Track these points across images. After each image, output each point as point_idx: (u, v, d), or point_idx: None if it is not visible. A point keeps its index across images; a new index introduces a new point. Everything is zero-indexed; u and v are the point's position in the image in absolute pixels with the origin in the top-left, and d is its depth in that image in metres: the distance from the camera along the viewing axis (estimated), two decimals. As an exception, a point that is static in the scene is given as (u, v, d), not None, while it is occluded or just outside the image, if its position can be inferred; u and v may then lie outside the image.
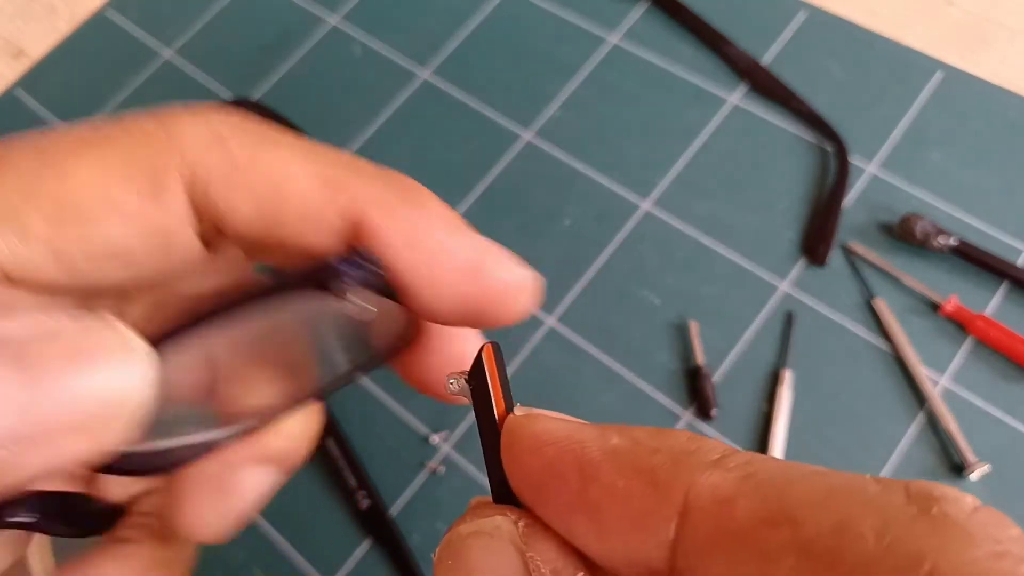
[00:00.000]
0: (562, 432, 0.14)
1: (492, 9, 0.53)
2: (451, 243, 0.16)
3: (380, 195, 0.16)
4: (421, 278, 0.16)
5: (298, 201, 0.15)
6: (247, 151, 0.15)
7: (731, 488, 0.11)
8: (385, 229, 0.15)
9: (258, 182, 0.15)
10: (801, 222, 0.43)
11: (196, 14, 0.56)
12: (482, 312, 0.16)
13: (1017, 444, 0.37)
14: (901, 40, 0.48)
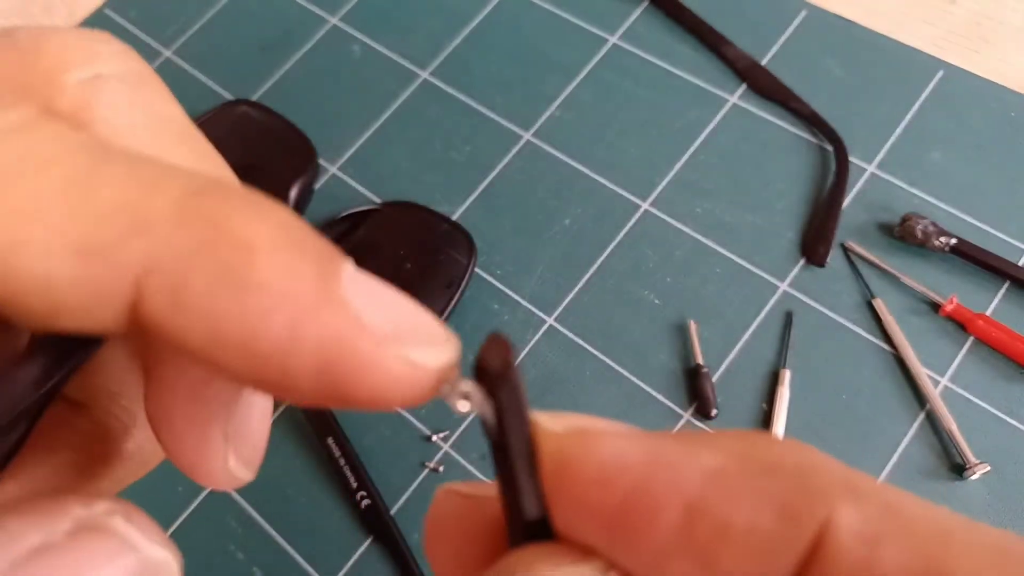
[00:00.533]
0: (639, 455, 0.11)
1: (492, 9, 0.52)
2: (290, 334, 0.10)
3: (169, 267, 0.10)
4: (246, 382, 0.11)
5: (33, 289, 0.10)
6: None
7: (876, 528, 0.09)
8: (174, 326, 0.10)
9: None
10: (801, 222, 0.43)
11: (195, 13, 0.56)
12: (359, 407, 0.11)
13: (1017, 444, 0.37)
14: (901, 39, 0.48)
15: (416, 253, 0.43)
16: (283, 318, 0.10)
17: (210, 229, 0.10)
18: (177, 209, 0.10)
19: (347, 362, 0.10)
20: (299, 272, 0.10)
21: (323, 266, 0.10)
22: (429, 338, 0.11)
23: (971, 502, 0.36)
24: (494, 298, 0.43)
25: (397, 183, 0.48)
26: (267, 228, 0.10)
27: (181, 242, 0.10)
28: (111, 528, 0.10)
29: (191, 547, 0.40)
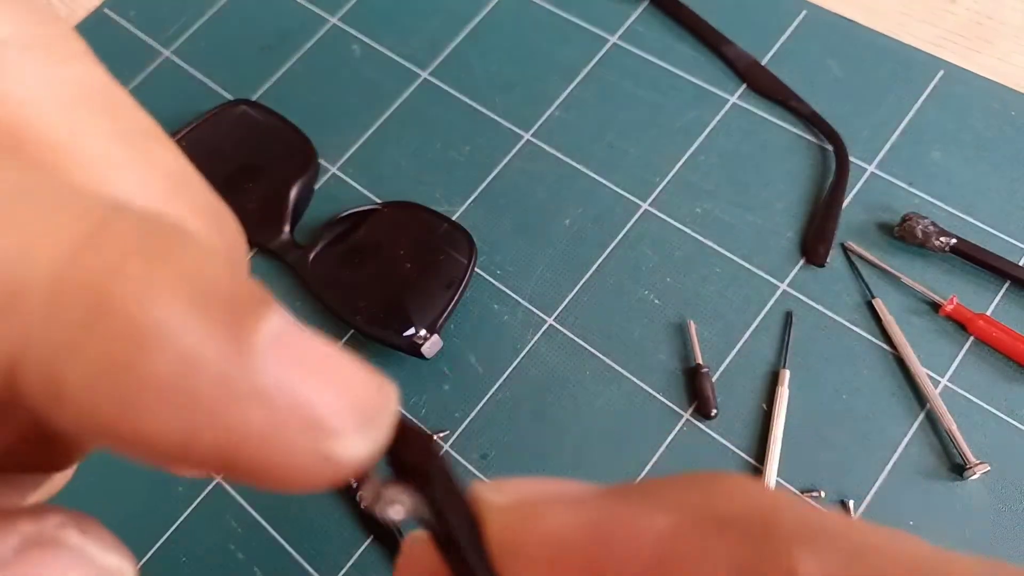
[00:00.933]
0: (584, 525, 0.10)
1: (492, 9, 0.52)
2: (185, 436, 0.08)
3: (45, 354, 0.08)
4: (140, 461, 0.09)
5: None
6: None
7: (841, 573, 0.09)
8: (52, 414, 0.08)
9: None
10: (800, 222, 0.43)
11: (195, 13, 0.56)
12: None
13: (1017, 444, 0.37)
14: (902, 39, 0.48)
15: (416, 253, 0.43)
16: (178, 420, 0.08)
17: (92, 307, 0.08)
18: (54, 278, 0.08)
19: (253, 458, 0.09)
20: (201, 355, 0.08)
21: (235, 333, 0.08)
22: (361, 416, 0.09)
23: (971, 502, 0.36)
24: (494, 298, 0.43)
25: (397, 183, 0.48)
26: (165, 297, 0.08)
27: (55, 327, 0.08)
28: (64, 541, 0.10)
29: (191, 547, 0.40)
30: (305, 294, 0.45)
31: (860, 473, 0.37)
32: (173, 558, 0.39)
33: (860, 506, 0.37)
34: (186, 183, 0.12)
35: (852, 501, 0.37)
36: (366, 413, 0.09)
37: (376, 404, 0.10)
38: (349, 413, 0.09)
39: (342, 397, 0.09)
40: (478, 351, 0.42)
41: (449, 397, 0.41)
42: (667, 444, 0.39)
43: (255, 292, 0.09)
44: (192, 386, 0.08)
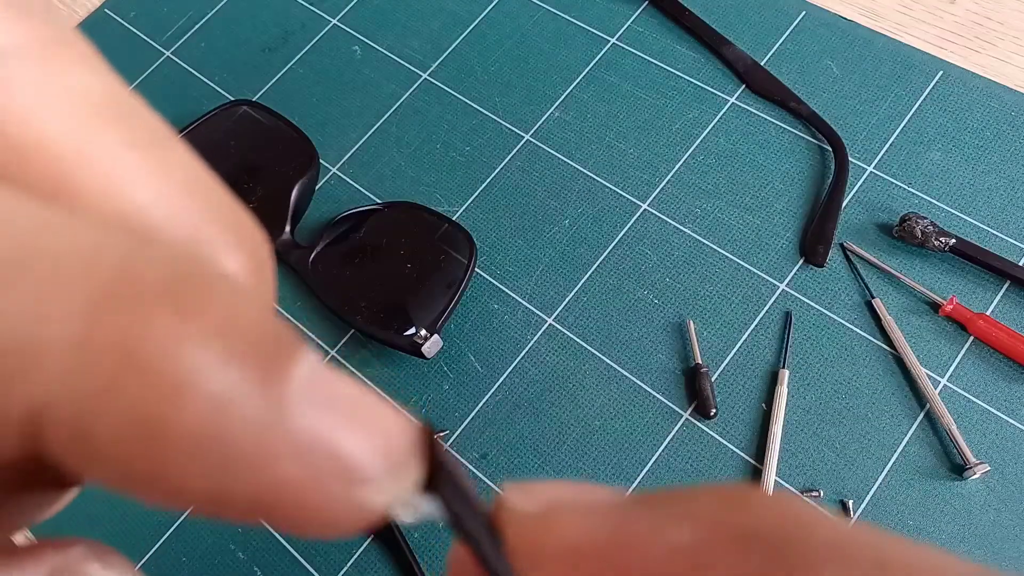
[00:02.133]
0: (603, 532, 0.10)
1: (492, 10, 0.53)
2: (220, 494, 0.08)
3: (70, 410, 0.08)
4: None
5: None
6: None
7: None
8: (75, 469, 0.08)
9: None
10: (800, 222, 0.43)
11: (196, 14, 0.56)
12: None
13: (1017, 444, 0.37)
14: (901, 39, 0.48)
15: (416, 253, 0.43)
16: (209, 479, 0.08)
17: (118, 365, 0.08)
18: (75, 339, 0.08)
19: (285, 507, 0.09)
20: (233, 408, 0.08)
21: (268, 382, 0.08)
22: (391, 463, 0.09)
23: (971, 502, 0.36)
24: (494, 298, 0.43)
25: (397, 183, 0.48)
26: (196, 350, 0.08)
27: (80, 382, 0.08)
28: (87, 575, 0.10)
29: (192, 547, 0.40)
30: (306, 294, 0.45)
31: (860, 473, 0.37)
32: (173, 557, 0.39)
33: (860, 506, 0.37)
34: (203, 190, 0.11)
35: (852, 501, 0.37)
36: (397, 458, 0.09)
37: (406, 447, 0.09)
38: (382, 459, 0.09)
39: (374, 443, 0.09)
40: (478, 351, 0.42)
41: (449, 397, 0.41)
42: (666, 444, 0.39)
43: (286, 336, 0.09)
44: (224, 439, 0.08)
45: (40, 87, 0.10)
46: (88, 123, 0.10)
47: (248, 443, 0.08)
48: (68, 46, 0.10)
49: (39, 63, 0.10)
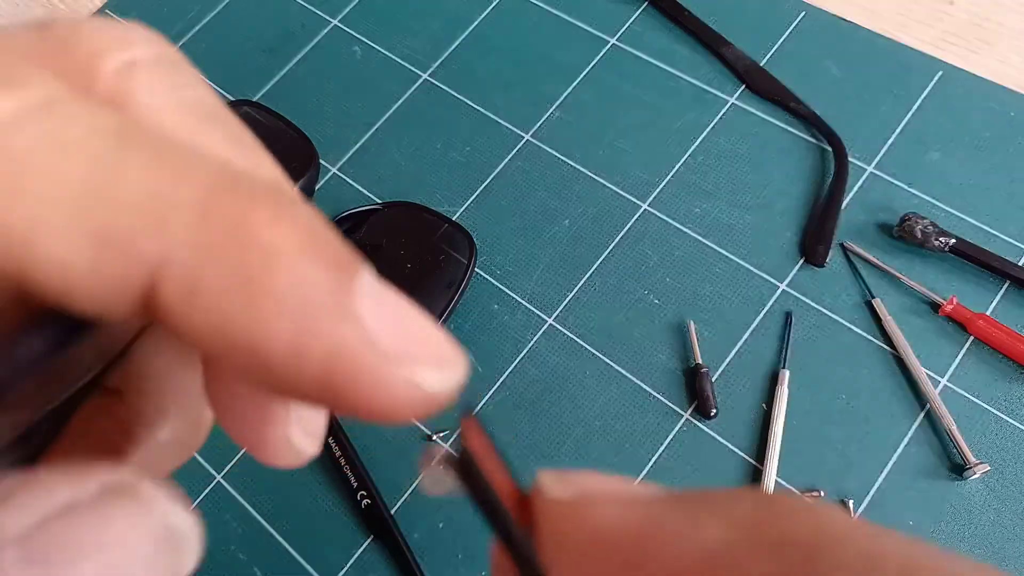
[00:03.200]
0: (636, 522, 0.10)
1: (492, 10, 0.53)
2: (298, 344, 0.10)
3: (186, 263, 0.10)
4: (252, 383, 0.11)
5: (51, 271, 0.10)
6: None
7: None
8: (185, 323, 0.10)
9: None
10: (800, 222, 0.43)
11: (196, 14, 0.56)
12: (362, 418, 0.11)
13: (1017, 444, 0.37)
14: (901, 40, 0.48)
15: (416, 253, 0.43)
16: (291, 326, 0.10)
17: (230, 228, 0.10)
18: (200, 203, 0.10)
19: (352, 378, 0.10)
20: (312, 281, 0.10)
21: (340, 275, 0.10)
22: (438, 359, 0.11)
23: (971, 502, 0.36)
24: (494, 298, 0.43)
25: (397, 183, 0.48)
26: (287, 232, 0.10)
27: (200, 239, 0.10)
28: (137, 492, 0.11)
29: (191, 547, 0.40)
30: (305, 294, 0.45)
31: (860, 473, 0.37)
32: (173, 558, 0.39)
33: (860, 506, 0.37)
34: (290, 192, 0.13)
35: (852, 501, 0.37)
36: (443, 356, 0.11)
37: (449, 352, 0.11)
38: (431, 352, 0.11)
39: (425, 341, 0.11)
40: (478, 351, 0.42)
41: (449, 397, 0.41)
42: (667, 444, 0.39)
43: (354, 251, 0.11)
44: (305, 303, 0.10)
45: (169, 91, 0.12)
46: (199, 122, 0.12)
47: (322, 311, 0.10)
48: (186, 65, 0.13)
49: (168, 75, 0.12)
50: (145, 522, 0.10)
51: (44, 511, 0.10)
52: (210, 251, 0.10)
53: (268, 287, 0.10)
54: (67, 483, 0.10)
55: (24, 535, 0.09)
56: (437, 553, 0.38)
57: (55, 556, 0.09)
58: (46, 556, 0.09)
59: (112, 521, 0.10)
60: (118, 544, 0.10)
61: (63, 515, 0.10)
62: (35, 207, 0.10)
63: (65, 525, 0.10)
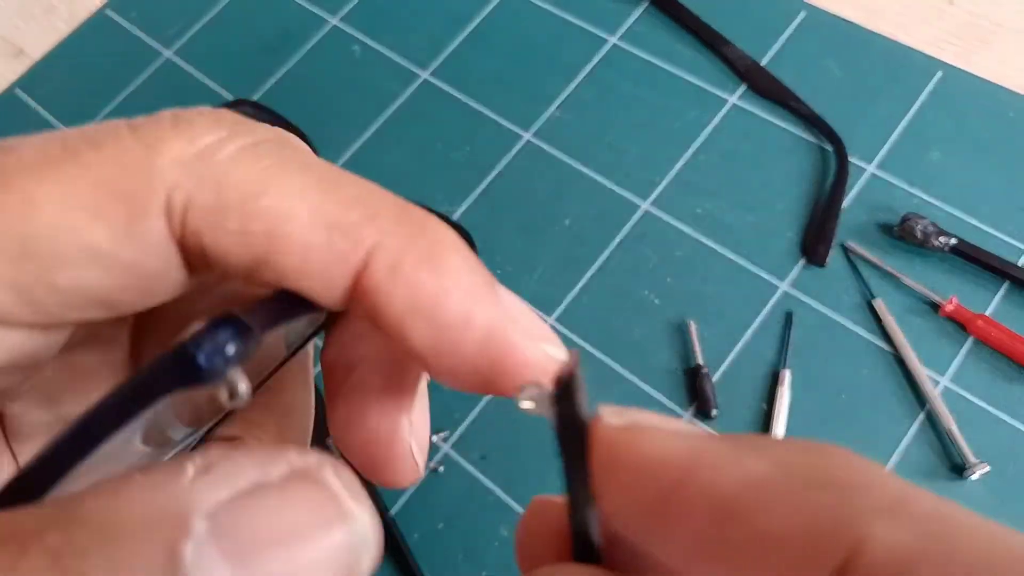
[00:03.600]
0: (683, 451, 0.11)
1: (492, 9, 0.53)
2: (467, 313, 0.13)
3: (391, 247, 0.13)
4: (426, 349, 0.13)
5: (296, 251, 0.13)
6: (239, 181, 0.13)
7: (913, 549, 0.09)
8: (388, 290, 0.13)
9: (247, 224, 0.13)
10: (801, 222, 0.43)
11: (196, 14, 0.56)
12: (496, 386, 0.14)
13: (1017, 444, 0.37)
14: (901, 40, 0.48)
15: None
16: (462, 300, 0.13)
17: (416, 227, 0.13)
18: (394, 210, 0.14)
19: (503, 343, 0.13)
20: (474, 272, 0.14)
21: (486, 274, 0.14)
22: (555, 340, 0.14)
23: (971, 502, 0.36)
24: (494, 298, 0.43)
25: (397, 183, 0.48)
26: (452, 238, 0.14)
27: (398, 230, 0.13)
28: (322, 480, 0.11)
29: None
30: (305, 294, 0.45)
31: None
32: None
33: (860, 506, 0.37)
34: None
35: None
36: (554, 339, 0.14)
37: (556, 338, 0.15)
38: (550, 334, 0.14)
39: (543, 326, 0.14)
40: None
41: (449, 397, 0.41)
42: (667, 444, 0.39)
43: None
44: (472, 283, 0.13)
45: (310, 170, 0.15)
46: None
47: (484, 290, 0.14)
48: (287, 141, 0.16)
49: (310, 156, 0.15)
50: (328, 512, 0.11)
51: (236, 487, 0.11)
52: (408, 239, 0.13)
53: (446, 269, 0.13)
54: (258, 462, 0.11)
55: (216, 508, 0.10)
56: (437, 553, 0.38)
57: (241, 533, 0.10)
58: (235, 532, 0.10)
59: (297, 506, 0.11)
60: (301, 531, 0.11)
61: (252, 493, 0.11)
62: (287, 199, 0.13)
63: (253, 504, 0.11)
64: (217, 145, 0.13)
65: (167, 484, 0.10)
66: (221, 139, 0.13)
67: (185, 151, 0.13)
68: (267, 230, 0.13)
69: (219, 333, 0.11)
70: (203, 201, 0.13)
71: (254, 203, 0.13)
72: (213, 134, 0.13)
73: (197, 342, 0.11)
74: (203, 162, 0.13)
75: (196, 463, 0.11)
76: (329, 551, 0.11)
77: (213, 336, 0.11)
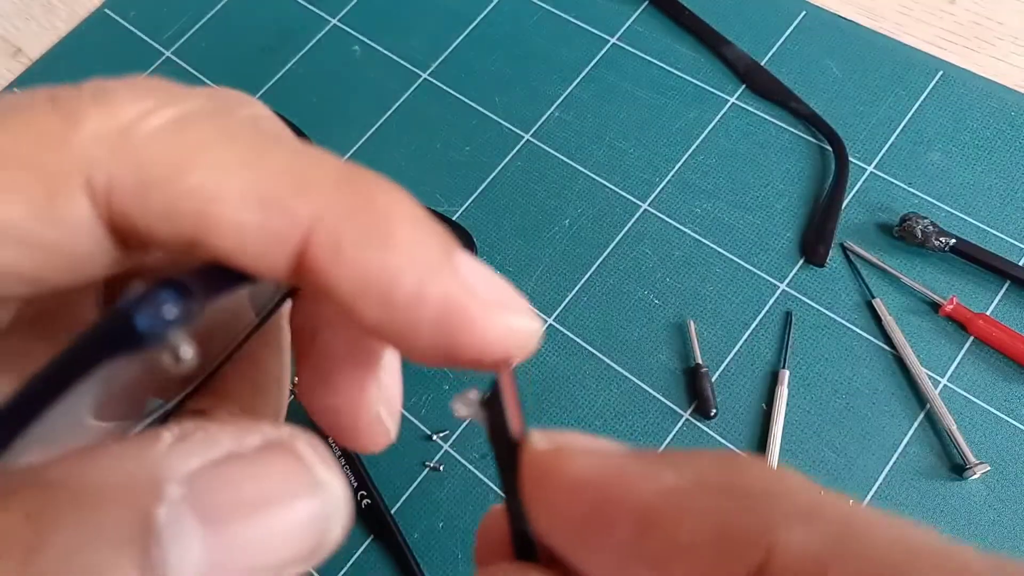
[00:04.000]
0: (606, 469, 0.12)
1: (492, 9, 0.53)
2: (419, 288, 0.12)
3: (333, 222, 0.12)
4: (380, 328, 0.12)
5: (227, 231, 0.12)
6: (163, 158, 0.12)
7: (824, 552, 0.09)
8: (331, 270, 0.12)
9: (173, 205, 0.12)
10: (800, 222, 0.43)
11: (196, 14, 0.56)
12: (460, 362, 0.13)
13: (1017, 444, 0.37)
14: (901, 39, 0.48)
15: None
16: (414, 274, 0.12)
17: (362, 198, 0.12)
18: (337, 179, 0.12)
19: (461, 318, 0.12)
20: (426, 242, 0.12)
21: (442, 242, 0.13)
22: (524, 309, 0.14)
23: (971, 502, 0.36)
24: (494, 298, 0.43)
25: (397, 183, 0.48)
26: (403, 206, 0.13)
27: (340, 202, 0.12)
28: (295, 450, 0.12)
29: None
30: (305, 294, 0.45)
31: (860, 473, 0.37)
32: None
33: (860, 506, 0.37)
34: None
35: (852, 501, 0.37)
36: (526, 308, 0.14)
37: (528, 306, 0.14)
38: (518, 304, 0.13)
39: (511, 296, 0.13)
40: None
41: (449, 397, 0.41)
42: (666, 444, 0.39)
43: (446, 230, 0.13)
44: (425, 257, 0.12)
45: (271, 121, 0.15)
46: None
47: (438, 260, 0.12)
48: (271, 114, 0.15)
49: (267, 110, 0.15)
50: (301, 481, 0.11)
51: (211, 457, 0.11)
52: (350, 213, 0.12)
53: (395, 242, 0.12)
54: (233, 433, 0.11)
55: (190, 476, 0.10)
56: (437, 553, 0.38)
57: (215, 499, 0.10)
58: (209, 498, 0.10)
59: (271, 475, 0.11)
60: (274, 498, 0.11)
61: (226, 462, 0.11)
62: (216, 175, 0.12)
63: (227, 472, 0.11)
64: (141, 118, 0.12)
65: (142, 451, 0.11)
66: (147, 111, 0.12)
67: (106, 125, 0.12)
68: (195, 210, 0.12)
69: (159, 295, 0.11)
70: (125, 180, 0.12)
71: (180, 181, 0.12)
72: (137, 105, 0.12)
73: (135, 304, 0.11)
74: (125, 137, 0.12)
75: (172, 432, 0.11)
76: (301, 518, 0.11)
77: (153, 299, 0.11)
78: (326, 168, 0.13)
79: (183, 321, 0.11)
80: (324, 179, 0.12)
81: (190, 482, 0.10)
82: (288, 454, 0.11)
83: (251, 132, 0.13)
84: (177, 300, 0.11)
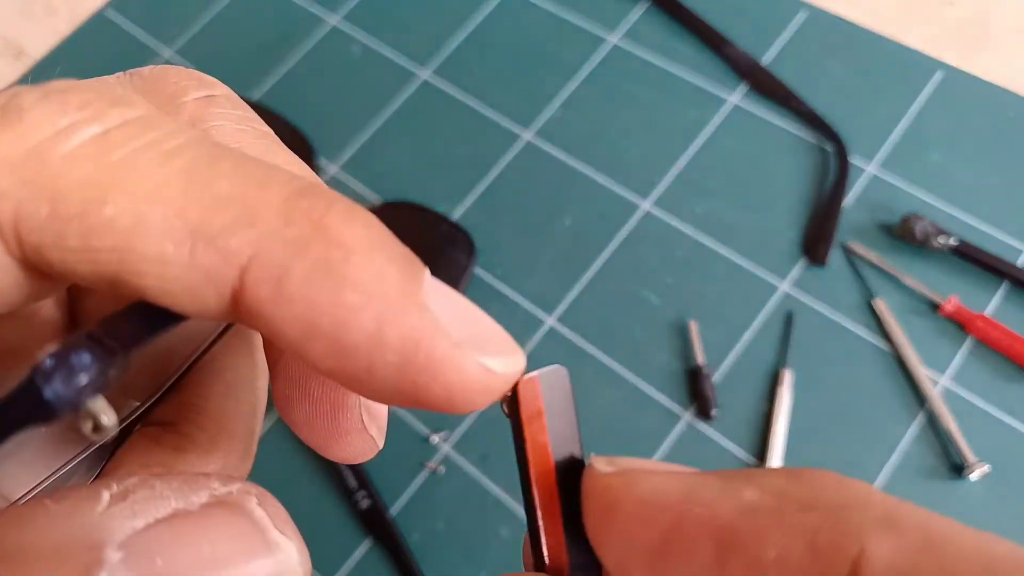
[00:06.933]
0: (678, 492, 0.11)
1: (492, 9, 0.53)
2: (377, 329, 0.11)
3: (274, 256, 0.10)
4: (335, 375, 0.11)
5: (149, 269, 0.10)
6: (79, 185, 0.10)
7: (908, 562, 0.09)
8: (272, 312, 0.11)
9: (89, 241, 0.10)
10: (801, 222, 0.43)
11: (196, 14, 0.56)
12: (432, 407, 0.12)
13: (1017, 444, 0.37)
14: (901, 40, 0.48)
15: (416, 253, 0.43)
16: (371, 314, 0.11)
17: (311, 226, 0.11)
18: (283, 205, 0.11)
19: (426, 361, 0.11)
20: (386, 274, 0.11)
21: (407, 271, 0.11)
22: (501, 348, 0.12)
23: (971, 502, 0.36)
24: (494, 298, 0.43)
25: (397, 183, 0.48)
26: (360, 232, 0.11)
27: (285, 235, 0.11)
28: (244, 508, 0.11)
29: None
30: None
31: (860, 473, 0.37)
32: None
33: (860, 506, 0.37)
34: None
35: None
36: (506, 344, 0.12)
37: (509, 341, 0.12)
38: (496, 341, 0.12)
39: (488, 331, 0.12)
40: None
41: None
42: (667, 445, 0.39)
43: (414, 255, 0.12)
44: (383, 293, 0.11)
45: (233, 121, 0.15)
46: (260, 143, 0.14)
47: (398, 299, 0.11)
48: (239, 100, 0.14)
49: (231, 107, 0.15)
50: (251, 542, 0.10)
51: (155, 515, 0.10)
52: (295, 246, 0.11)
53: (347, 278, 0.11)
54: (179, 490, 0.10)
55: (132, 538, 0.10)
56: (436, 554, 0.38)
57: (159, 564, 0.10)
58: (151, 563, 0.10)
59: (219, 536, 0.10)
60: (220, 563, 0.10)
61: (170, 522, 0.10)
62: (137, 204, 0.10)
63: (172, 533, 0.10)
64: (58, 137, 0.11)
65: (80, 512, 0.10)
66: (65, 128, 0.11)
67: (13, 149, 0.10)
68: (113, 246, 0.10)
69: (71, 359, 0.10)
70: (35, 213, 0.10)
71: (97, 213, 0.10)
72: (55, 122, 0.11)
73: (45, 372, 0.10)
74: (36, 162, 0.10)
75: (112, 490, 0.10)
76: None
77: (64, 363, 0.10)
78: (273, 189, 0.11)
79: (97, 387, 0.10)
80: (268, 203, 0.11)
81: (130, 545, 0.10)
82: (238, 512, 0.11)
83: (192, 146, 0.11)
84: (93, 362, 0.10)
